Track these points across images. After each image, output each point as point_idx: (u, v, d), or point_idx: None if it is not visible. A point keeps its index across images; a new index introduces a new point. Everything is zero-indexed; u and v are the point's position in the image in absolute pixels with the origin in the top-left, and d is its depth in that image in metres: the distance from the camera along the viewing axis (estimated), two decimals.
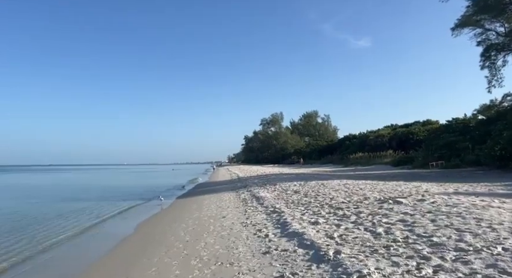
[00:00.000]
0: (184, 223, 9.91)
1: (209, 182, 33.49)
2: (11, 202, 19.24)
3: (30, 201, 19.36)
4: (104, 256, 7.49)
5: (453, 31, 28.64)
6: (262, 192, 15.00)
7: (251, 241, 6.60)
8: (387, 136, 47.64)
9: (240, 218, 9.34)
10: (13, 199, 21.05)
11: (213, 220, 9.79)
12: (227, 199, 14.90)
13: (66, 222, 12.44)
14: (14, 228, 11.33)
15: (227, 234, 7.55)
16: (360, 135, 59.05)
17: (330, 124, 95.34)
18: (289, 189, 14.81)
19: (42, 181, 46.73)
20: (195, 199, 17.28)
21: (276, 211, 9.45)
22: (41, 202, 18.83)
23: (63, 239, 9.59)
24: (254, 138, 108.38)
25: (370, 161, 41.95)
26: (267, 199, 12.33)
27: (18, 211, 15.27)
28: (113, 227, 11.60)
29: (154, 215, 13.58)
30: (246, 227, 8.05)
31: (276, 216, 8.73)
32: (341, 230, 6.22)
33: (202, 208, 12.69)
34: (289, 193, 13.14)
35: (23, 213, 14.67)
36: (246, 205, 11.88)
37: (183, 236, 8.03)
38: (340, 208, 8.57)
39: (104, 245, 8.75)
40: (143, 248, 7.59)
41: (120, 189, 28.53)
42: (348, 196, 10.45)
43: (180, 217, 11.38)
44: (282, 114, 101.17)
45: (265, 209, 10.23)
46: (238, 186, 20.92)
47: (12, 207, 16.73)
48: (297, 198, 11.69)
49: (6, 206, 17.31)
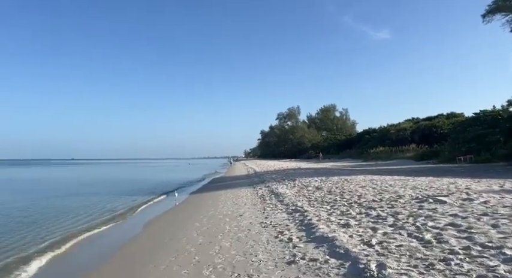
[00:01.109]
0: (198, 222, 9.11)
1: (225, 177, 32.79)
2: (24, 196, 18.94)
3: (45, 195, 19.03)
4: (104, 262, 6.74)
5: (484, 18, 26.86)
6: (281, 187, 14.10)
7: (272, 246, 5.72)
8: (409, 129, 45.80)
9: (258, 218, 8.47)
10: (25, 193, 20.80)
11: (228, 219, 8.96)
12: (244, 195, 14.07)
13: (75, 219, 11.84)
14: (19, 225, 10.80)
15: (244, 236, 6.69)
16: (380, 129, 57.19)
17: (348, 118, 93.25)
18: (310, 184, 13.85)
19: (62, 175, 47.04)
20: (210, 194, 16.53)
21: (298, 209, 8.53)
22: (54, 196, 18.45)
23: (58, 242, 8.86)
24: (270, 133, 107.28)
25: (391, 155, 40.40)
26: (286, 195, 11.43)
27: (28, 206, 14.86)
28: (120, 225, 10.92)
29: (167, 212, 12.87)
30: (265, 228, 7.18)
31: (299, 216, 7.82)
32: (379, 236, 5.26)
33: (218, 205, 11.89)
34: (311, 190, 12.19)
35: (32, 208, 14.22)
36: (264, 202, 11.01)
37: (195, 238, 7.22)
38: (372, 207, 7.57)
39: (106, 247, 8.04)
40: (150, 251, 6.81)
41: (135, 183, 28.17)
42: (378, 194, 9.42)
43: (194, 214, 10.61)
44: (298, 108, 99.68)
45: (286, 207, 9.33)
46: (255, 181, 20.08)
47: (22, 201, 16.37)
48: (320, 195, 10.74)
49: (19, 200, 16.97)
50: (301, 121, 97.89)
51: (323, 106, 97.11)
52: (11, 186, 27.80)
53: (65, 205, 15.08)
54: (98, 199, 16.91)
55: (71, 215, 12.28)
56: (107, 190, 21.97)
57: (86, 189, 23.58)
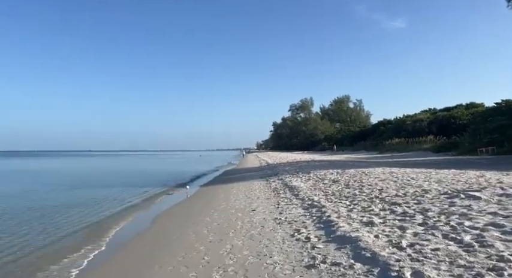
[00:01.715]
0: (208, 217, 8.66)
1: (237, 169, 32.40)
2: (36, 187, 18.86)
3: (57, 187, 18.93)
4: (108, 262, 6.34)
5: (509, 2, 25.52)
6: (295, 180, 13.55)
7: (288, 245, 5.21)
8: (426, 120, 44.51)
9: (272, 213, 7.96)
10: (37, 185, 20.76)
11: (241, 213, 8.48)
12: (257, 188, 13.58)
13: (83, 212, 11.54)
14: (29, 218, 10.55)
15: (258, 234, 6.20)
16: (395, 120, 55.90)
17: (362, 109, 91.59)
18: (325, 177, 13.26)
19: (77, 166, 47.37)
20: (222, 187, 16.11)
21: (315, 204, 7.98)
22: (65, 189, 18.32)
23: (64, 236, 8.54)
24: (283, 125, 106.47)
25: (407, 147, 39.33)
26: (301, 189, 10.88)
27: (39, 199, 14.69)
28: (128, 220, 10.53)
29: (177, 205, 12.48)
30: (280, 225, 6.66)
31: (316, 212, 7.27)
32: (409, 237, 4.68)
33: (230, 198, 11.43)
34: (327, 183, 11.61)
35: (41, 201, 14.03)
36: (278, 196, 10.50)
37: (205, 235, 6.76)
38: (397, 203, 6.97)
39: (111, 244, 7.65)
40: (157, 249, 6.39)
41: (146, 175, 28.00)
42: (401, 188, 8.79)
43: (205, 208, 10.17)
44: (311, 100, 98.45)
45: (301, 202, 8.79)
46: (268, 174, 19.58)
47: (33, 192, 16.25)
48: (337, 188, 10.15)
49: (30, 191, 16.86)
50: (314, 113, 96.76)
51: (336, 98, 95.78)
52: (25, 179, 27.94)
53: (72, 198, 14.84)
54: (108, 191, 16.66)
55: (78, 209, 11.97)
56: (116, 182, 21.78)
57: (96, 181, 23.49)
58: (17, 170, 39.29)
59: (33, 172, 35.72)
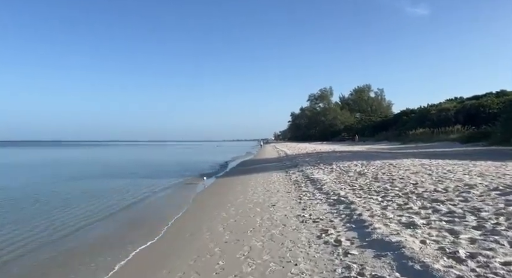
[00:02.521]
0: (224, 212, 8.00)
1: (255, 159, 31.73)
2: (50, 179, 18.72)
3: (71, 177, 18.75)
4: (112, 264, 5.74)
5: None
6: (317, 173, 12.73)
7: (316, 250, 4.46)
8: (453, 109, 42.52)
9: (294, 209, 7.22)
10: (47, 176, 20.68)
11: (259, 208, 7.77)
12: (276, 180, 12.85)
13: (93, 205, 11.07)
14: (36, 212, 10.16)
15: (279, 234, 5.47)
16: (419, 110, 53.81)
17: (384, 98, 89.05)
18: (350, 169, 12.38)
19: (96, 156, 47.71)
20: (239, 179, 15.46)
21: (342, 200, 7.18)
22: (79, 179, 18.08)
23: (67, 234, 8.04)
24: (301, 115, 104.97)
25: (432, 137, 37.62)
26: (325, 182, 10.07)
27: (47, 191, 14.42)
28: (140, 214, 9.96)
29: (192, 198, 11.87)
30: (304, 223, 5.91)
31: (344, 209, 6.48)
32: (465, 244, 3.84)
33: (247, 191, 10.75)
34: (353, 176, 10.75)
35: (49, 195, 13.73)
36: (299, 190, 9.74)
37: (221, 233, 6.09)
38: (438, 200, 6.09)
39: (118, 245, 7.08)
40: (167, 250, 5.75)
41: (163, 166, 27.55)
42: (439, 182, 7.87)
43: (221, 202, 9.52)
44: (331, 89, 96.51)
45: (326, 196, 8.00)
46: (287, 165, 18.80)
47: (43, 184, 16.05)
48: (364, 182, 9.30)
49: (45, 182, 16.68)
50: (334, 103, 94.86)
51: (357, 87, 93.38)
52: (44, 169, 28.10)
53: (88, 188, 14.49)
54: (123, 182, 16.27)
55: (91, 202, 11.53)
56: (133, 172, 21.45)
57: (114, 171, 23.26)
58: (56, 159, 39.88)
59: (65, 162, 36.12)
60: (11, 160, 39.07)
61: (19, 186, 15.35)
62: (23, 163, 34.66)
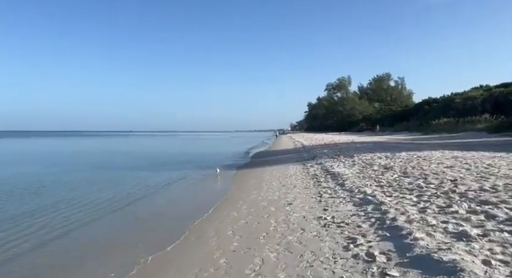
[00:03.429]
0: (235, 211, 7.18)
1: (271, 151, 30.80)
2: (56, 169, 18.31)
3: (78, 168, 18.30)
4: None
5: None
6: (338, 166, 11.76)
7: (343, 267, 3.58)
8: (479, 98, 40.37)
9: (313, 209, 6.33)
10: (53, 166, 20.30)
11: (274, 207, 6.92)
12: (292, 173, 11.96)
13: (102, 199, 10.41)
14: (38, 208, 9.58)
15: (297, 242, 4.61)
16: (442, 99, 51.60)
17: (404, 87, 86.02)
18: (374, 162, 11.35)
19: (117, 147, 47.73)
20: (253, 172, 14.63)
21: (369, 199, 6.24)
22: (85, 170, 17.60)
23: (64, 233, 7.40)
24: (318, 105, 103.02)
25: (457, 127, 35.77)
26: (347, 177, 9.11)
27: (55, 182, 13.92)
28: (144, 211, 9.23)
29: (203, 193, 11.12)
30: (326, 228, 5.03)
31: (373, 210, 5.54)
32: None
33: (262, 187, 9.90)
34: (377, 170, 9.74)
35: (54, 187, 13.21)
36: (318, 185, 8.82)
37: (229, 238, 5.27)
38: (489, 202, 5.08)
39: (109, 250, 6.36)
40: (167, 258, 4.97)
41: (176, 157, 26.85)
42: (482, 179, 6.82)
43: (232, 199, 8.72)
44: (349, 78, 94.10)
45: (350, 194, 7.06)
46: (304, 157, 17.84)
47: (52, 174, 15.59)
48: (392, 177, 8.29)
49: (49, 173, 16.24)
50: (352, 92, 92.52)
51: (376, 76, 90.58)
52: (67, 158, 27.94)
53: (100, 179, 13.93)
54: (133, 175, 15.69)
55: (103, 194, 10.89)
56: (145, 164, 20.88)
57: (125, 162, 22.80)
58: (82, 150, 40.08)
59: (80, 152, 36.16)
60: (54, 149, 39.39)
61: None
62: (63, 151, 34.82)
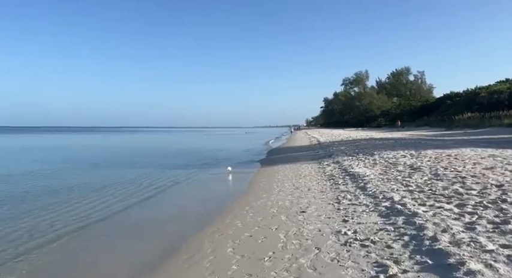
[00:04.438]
0: (240, 219, 6.23)
1: (284, 147, 29.72)
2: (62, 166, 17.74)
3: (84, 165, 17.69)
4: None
5: None
6: (357, 165, 10.67)
7: None
8: (506, 92, 38.19)
9: (331, 220, 5.33)
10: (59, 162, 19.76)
11: (285, 216, 5.95)
12: (307, 173, 10.95)
13: (107, 198, 9.61)
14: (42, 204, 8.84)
15: (311, 267, 3.64)
16: (465, 93, 49.29)
17: (424, 82, 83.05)
18: (398, 161, 10.22)
19: (129, 143, 47.52)
20: (265, 171, 13.65)
21: (399, 209, 5.20)
22: (91, 167, 16.97)
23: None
24: (334, 100, 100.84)
25: (482, 123, 33.91)
26: (368, 179, 8.05)
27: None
28: (139, 215, 8.39)
29: (208, 195, 10.22)
30: (347, 248, 4.04)
31: (405, 224, 4.52)
32: None
33: (272, 189, 8.94)
34: (403, 170, 8.63)
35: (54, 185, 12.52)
36: (336, 188, 7.80)
37: (228, 259, 4.33)
38: None
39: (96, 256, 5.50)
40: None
41: (186, 153, 25.94)
42: None
43: (238, 202, 7.79)
44: (367, 73, 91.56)
45: (373, 201, 6.03)
46: (320, 155, 16.76)
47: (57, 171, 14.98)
48: (422, 180, 7.20)
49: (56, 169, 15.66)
50: (370, 87, 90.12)
51: (395, 70, 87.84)
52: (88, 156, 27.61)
53: (97, 179, 13.18)
54: (140, 172, 14.93)
55: (98, 196, 10.10)
56: (155, 160, 20.15)
57: (136, 158, 22.17)
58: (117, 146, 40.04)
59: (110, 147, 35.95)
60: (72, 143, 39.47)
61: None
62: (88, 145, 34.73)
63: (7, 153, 28.62)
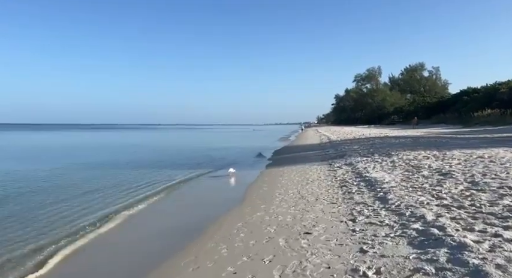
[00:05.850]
0: (227, 243, 4.91)
1: (292, 146, 28.27)
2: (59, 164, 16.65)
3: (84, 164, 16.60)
4: None
5: None
6: (373, 168, 9.27)
7: None
8: None
9: (345, 249, 3.98)
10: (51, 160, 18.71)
11: (284, 239, 4.62)
12: (315, 177, 9.59)
13: (104, 200, 8.45)
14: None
15: None
16: (483, 88, 47.01)
17: (439, 78, 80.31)
18: (421, 164, 8.78)
19: (142, 140, 46.59)
20: (268, 173, 12.32)
21: (437, 235, 3.82)
22: (93, 166, 15.85)
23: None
24: (346, 97, 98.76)
25: (504, 120, 31.94)
26: (389, 187, 6.66)
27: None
28: (126, 225, 7.19)
29: (202, 202, 8.96)
30: None
31: (449, 261, 3.14)
32: None
33: (273, 197, 7.62)
34: (430, 176, 7.21)
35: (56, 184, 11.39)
36: (349, 198, 6.43)
37: None
38: None
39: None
40: None
41: (190, 152, 24.70)
42: None
43: (231, 218, 6.48)
44: (379, 69, 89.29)
45: (399, 220, 4.65)
46: (330, 155, 15.35)
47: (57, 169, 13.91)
48: (457, 190, 5.77)
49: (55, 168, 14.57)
50: (382, 84, 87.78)
51: (408, 66, 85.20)
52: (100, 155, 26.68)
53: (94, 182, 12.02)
54: (140, 172, 13.76)
55: (88, 198, 8.94)
56: (155, 160, 19.00)
57: (136, 156, 21.06)
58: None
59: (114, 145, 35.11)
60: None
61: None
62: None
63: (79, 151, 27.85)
